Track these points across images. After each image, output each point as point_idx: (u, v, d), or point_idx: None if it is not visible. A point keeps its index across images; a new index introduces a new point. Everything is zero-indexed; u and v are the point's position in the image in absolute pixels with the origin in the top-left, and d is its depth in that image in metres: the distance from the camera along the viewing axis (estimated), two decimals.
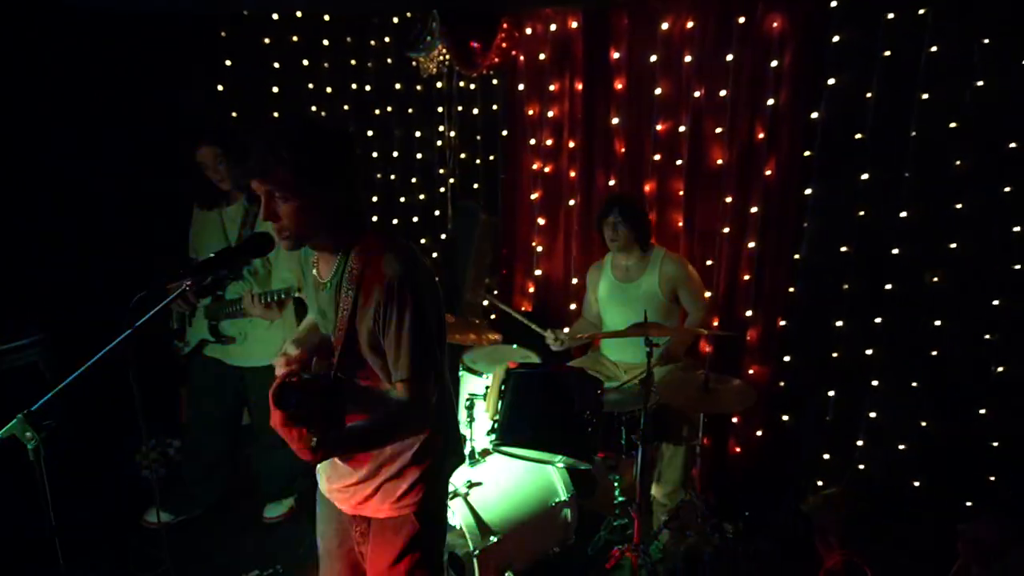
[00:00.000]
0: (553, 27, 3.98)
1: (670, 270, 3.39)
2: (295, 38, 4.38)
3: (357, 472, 1.78)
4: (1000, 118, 2.90)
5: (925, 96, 3.04)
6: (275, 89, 4.41)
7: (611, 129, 3.91)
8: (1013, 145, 2.88)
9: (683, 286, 3.40)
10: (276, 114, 4.43)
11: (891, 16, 3.04)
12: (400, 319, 1.59)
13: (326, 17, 4.40)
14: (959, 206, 3.06)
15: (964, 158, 3.00)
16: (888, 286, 3.29)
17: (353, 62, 4.59)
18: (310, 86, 4.55)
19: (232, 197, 3.15)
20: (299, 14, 4.32)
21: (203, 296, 3.14)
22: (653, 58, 3.66)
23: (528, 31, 4.09)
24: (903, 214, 3.18)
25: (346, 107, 4.67)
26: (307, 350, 1.73)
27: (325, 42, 4.49)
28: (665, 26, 3.60)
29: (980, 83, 2.89)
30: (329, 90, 4.61)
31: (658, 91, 3.68)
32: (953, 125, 3.00)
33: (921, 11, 2.97)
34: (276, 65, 4.39)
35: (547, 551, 3.03)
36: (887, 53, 3.08)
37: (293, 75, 4.45)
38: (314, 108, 4.60)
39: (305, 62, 4.48)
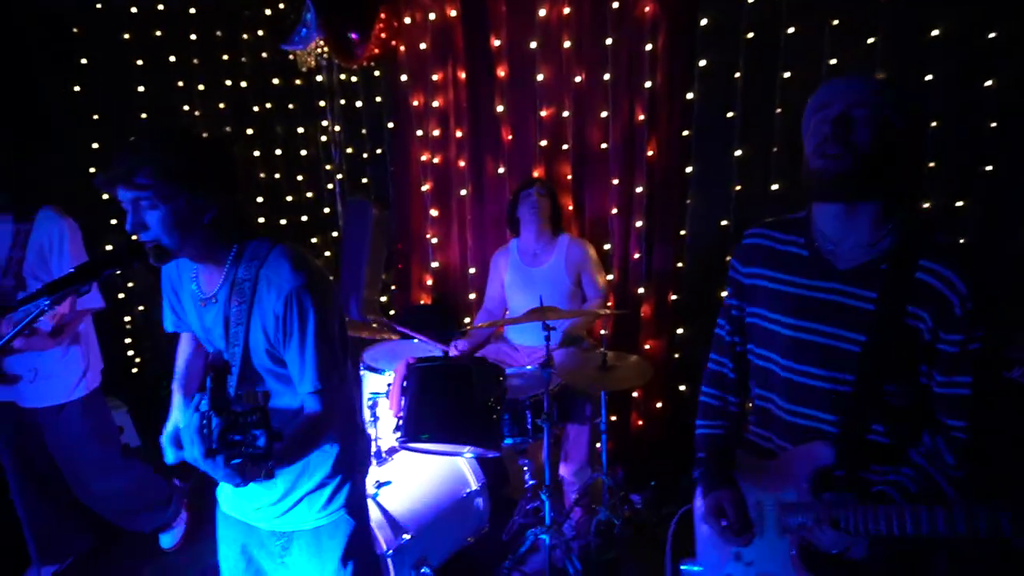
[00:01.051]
0: (432, 16, 3.93)
1: (575, 254, 3.45)
2: (158, 33, 4.12)
3: (272, 490, 1.72)
4: None
5: (787, 75, 3.22)
6: (140, 88, 4.14)
7: (497, 117, 3.92)
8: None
9: (586, 270, 3.47)
10: (144, 115, 4.16)
11: (751, 0, 3.20)
12: (302, 329, 1.54)
13: (192, 10, 4.16)
14: None
15: None
16: None
17: (226, 57, 4.38)
18: (180, 84, 4.30)
19: None
20: (161, 7, 4.07)
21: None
22: (533, 44, 3.70)
23: (407, 20, 4.03)
24: (774, 187, 3.37)
25: (222, 105, 4.46)
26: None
27: (193, 37, 4.25)
28: (543, 12, 3.64)
29: (833, 61, 3.09)
30: (202, 88, 4.38)
31: (540, 77, 3.72)
32: None
33: None
34: (139, 63, 4.12)
35: (462, 542, 3.03)
36: (750, 35, 3.24)
37: (159, 73, 4.20)
38: (186, 108, 4.36)
39: (172, 58, 4.24)
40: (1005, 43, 2.78)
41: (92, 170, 3.86)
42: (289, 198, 4.62)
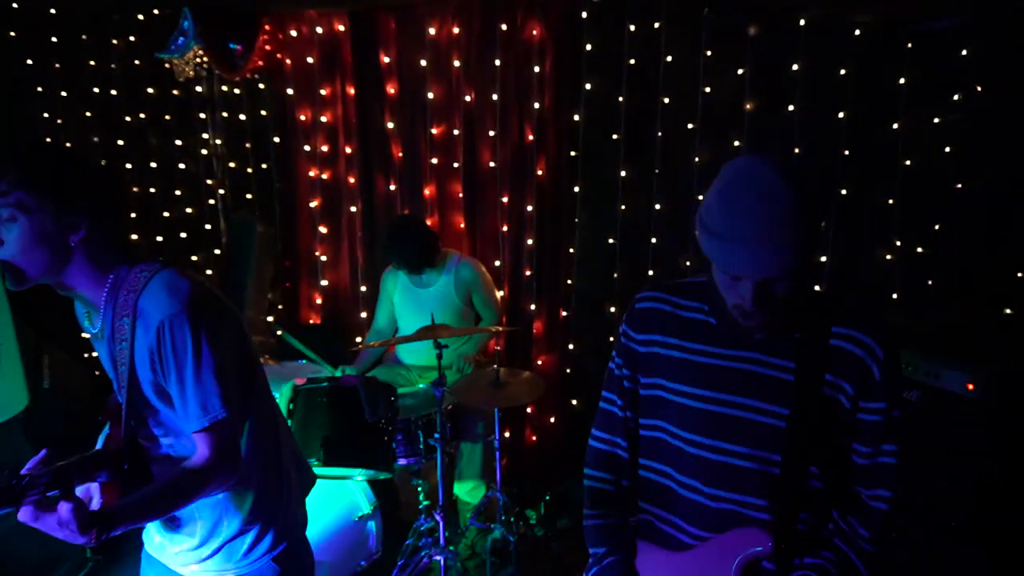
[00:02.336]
0: (319, 29, 3.86)
1: (465, 274, 3.45)
2: (12, 33, 3.80)
3: (190, 537, 1.58)
4: (724, 119, 3.33)
5: (666, 100, 3.40)
6: None
7: (387, 133, 3.89)
8: (737, 143, 3.32)
9: (476, 290, 3.47)
10: None
11: (633, 28, 3.36)
12: (178, 363, 1.39)
13: (52, 10, 3.87)
14: (701, 197, 3.47)
15: (701, 155, 3.40)
16: (650, 272, 3.63)
17: (93, 63, 4.10)
18: (38, 89, 3.99)
19: None
20: (15, 4, 3.76)
21: None
22: (423, 62, 3.70)
23: (293, 33, 3.93)
24: (657, 206, 3.53)
25: (88, 114, 4.16)
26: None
27: (54, 39, 3.96)
28: (432, 31, 3.65)
29: (707, 89, 3.29)
30: (65, 94, 4.08)
31: (430, 95, 3.73)
32: (691, 126, 3.39)
33: (656, 24, 3.32)
34: None
35: (354, 568, 2.94)
36: (632, 61, 3.40)
37: (15, 76, 3.87)
38: (46, 115, 4.05)
39: (30, 61, 3.92)
40: (852, 80, 3.07)
41: None
42: (166, 214, 4.36)
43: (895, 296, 3.16)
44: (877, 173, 3.15)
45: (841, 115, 3.11)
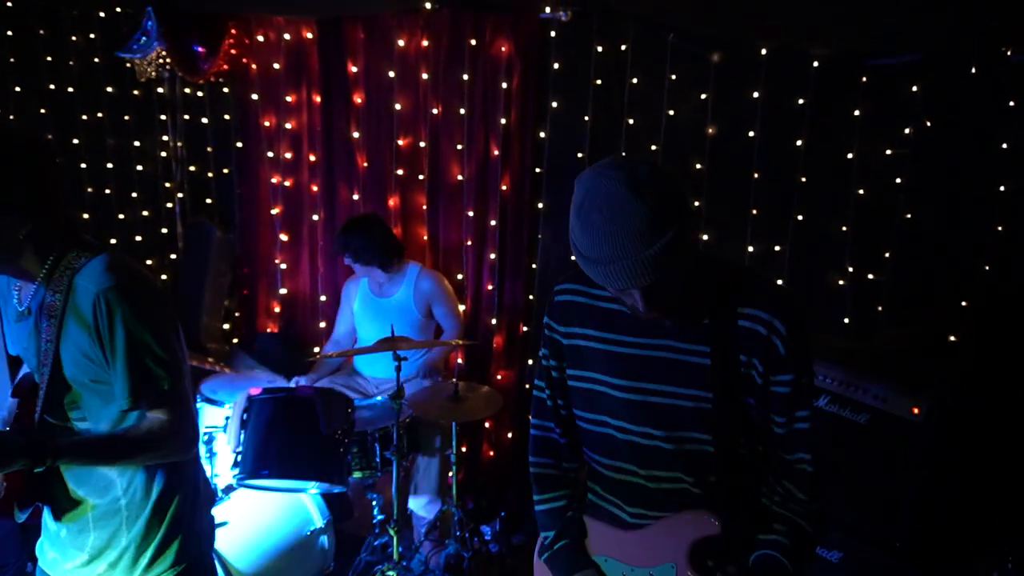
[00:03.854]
0: (287, 36, 3.83)
1: (425, 286, 3.43)
2: None
3: (83, 549, 1.53)
4: (687, 141, 3.39)
5: (631, 121, 3.45)
6: None
7: (352, 143, 3.87)
8: (699, 166, 3.39)
9: (437, 302, 3.46)
10: None
11: (600, 49, 3.41)
12: (111, 337, 1.39)
13: (8, 3, 3.77)
14: None
15: None
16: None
17: (49, 58, 4.00)
18: None
19: None
20: None
21: None
22: (391, 74, 3.70)
23: (260, 38, 3.89)
24: None
25: (43, 110, 4.06)
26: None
27: (9, 32, 3.85)
28: (401, 43, 3.65)
29: (671, 112, 3.36)
30: (18, 89, 3.97)
31: (397, 106, 3.72)
32: (654, 148, 3.45)
33: (623, 47, 3.38)
34: None
35: None
36: (598, 81, 3.45)
37: None
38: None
39: None
40: (809, 110, 3.16)
41: None
42: (121, 216, 4.26)
43: (846, 320, 3.24)
44: (831, 201, 3.24)
45: (799, 143, 3.20)
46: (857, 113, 3.10)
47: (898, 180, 3.09)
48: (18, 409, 1.50)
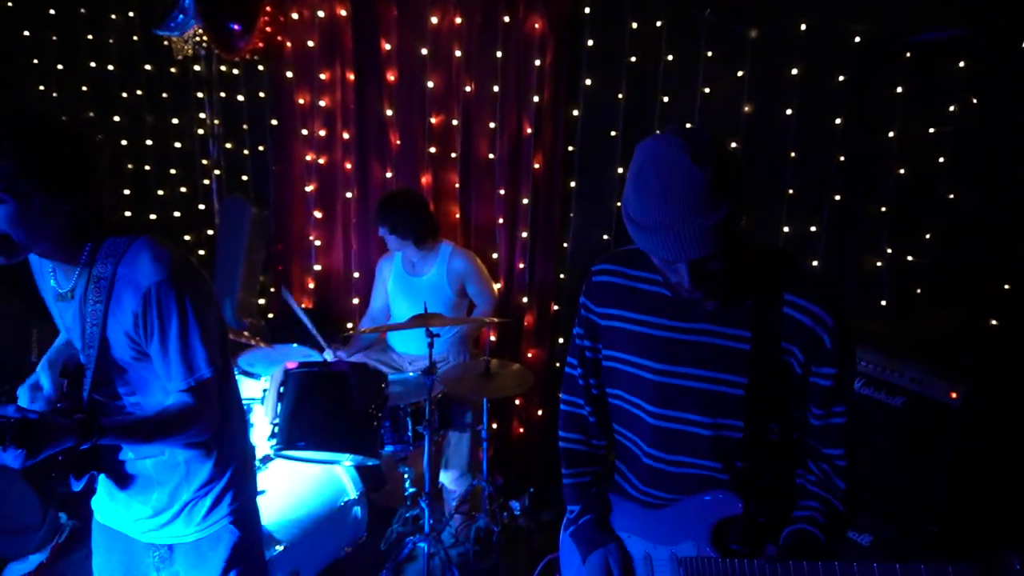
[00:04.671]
0: (321, 13, 3.84)
1: (458, 265, 3.44)
2: (9, 3, 3.76)
3: (147, 503, 1.63)
4: (722, 120, 3.34)
5: (665, 99, 3.41)
6: None
7: (385, 120, 3.88)
8: (734, 145, 3.34)
9: (470, 280, 3.47)
10: None
11: (635, 26, 3.37)
12: (163, 327, 1.46)
13: None
14: None
15: None
16: None
17: (90, 37, 4.07)
18: (34, 61, 3.95)
19: None
20: None
21: None
22: (424, 51, 3.70)
23: (295, 16, 3.91)
24: None
25: (84, 88, 4.13)
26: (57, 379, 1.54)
27: (52, 11, 3.92)
28: (434, 20, 3.64)
29: (707, 90, 3.31)
30: (61, 67, 4.05)
31: (430, 84, 3.72)
32: (688, 126, 3.39)
33: (659, 23, 3.33)
34: None
35: (339, 552, 2.96)
36: (633, 59, 3.41)
37: (9, 47, 3.83)
38: (42, 88, 4.02)
39: (26, 33, 3.88)
40: (849, 87, 3.09)
41: None
42: (160, 192, 4.34)
43: (883, 303, 3.19)
44: (870, 181, 3.18)
45: (838, 121, 3.14)
46: (899, 90, 3.03)
47: (941, 160, 3.02)
48: (67, 389, 1.56)
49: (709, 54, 3.26)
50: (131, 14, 4.06)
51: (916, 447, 2.42)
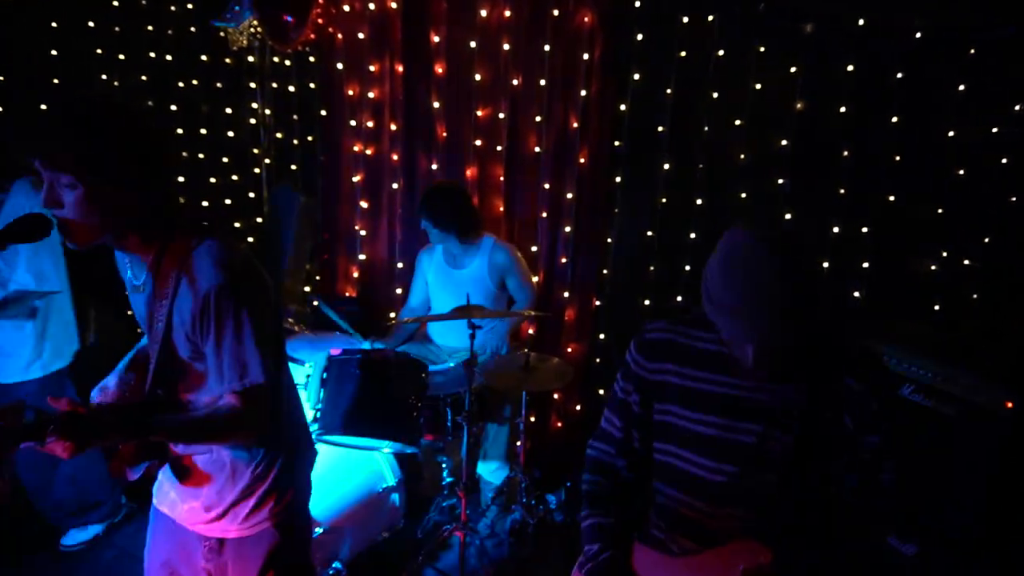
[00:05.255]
0: (372, 6, 3.89)
1: (499, 258, 3.44)
2: None
3: (198, 498, 1.67)
4: (772, 117, 3.28)
5: (715, 95, 3.36)
6: (53, 52, 3.90)
7: (433, 113, 3.91)
8: (784, 142, 3.27)
9: (511, 274, 3.46)
10: (56, 81, 3.93)
11: (686, 20, 3.32)
12: (219, 329, 1.47)
13: None
14: (743, 195, 3.43)
15: (746, 152, 3.36)
16: (687, 267, 3.61)
17: (150, 28, 4.18)
18: (98, 51, 4.08)
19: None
20: None
21: None
22: (472, 44, 3.71)
23: (346, 8, 3.96)
24: (698, 201, 3.50)
25: (144, 78, 4.25)
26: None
27: (115, 3, 4.05)
28: (483, 13, 3.65)
29: (758, 86, 3.25)
30: (122, 57, 4.18)
31: (477, 77, 3.74)
32: (738, 122, 3.35)
33: (710, 17, 3.28)
34: (53, 24, 3.89)
35: (376, 537, 3.01)
36: (683, 53, 3.36)
37: (76, 37, 3.97)
38: (104, 77, 4.15)
39: (91, 24, 4.02)
40: (908, 84, 3.00)
41: None
42: (213, 180, 4.45)
43: (936, 307, 3.10)
44: (926, 181, 3.08)
45: (894, 119, 3.05)
46: (961, 88, 2.93)
47: (1004, 161, 2.91)
48: (134, 382, 1.60)
49: (761, 49, 3.20)
50: (189, 6, 4.16)
51: (965, 456, 2.35)
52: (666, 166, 3.52)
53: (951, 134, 2.99)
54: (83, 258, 1.70)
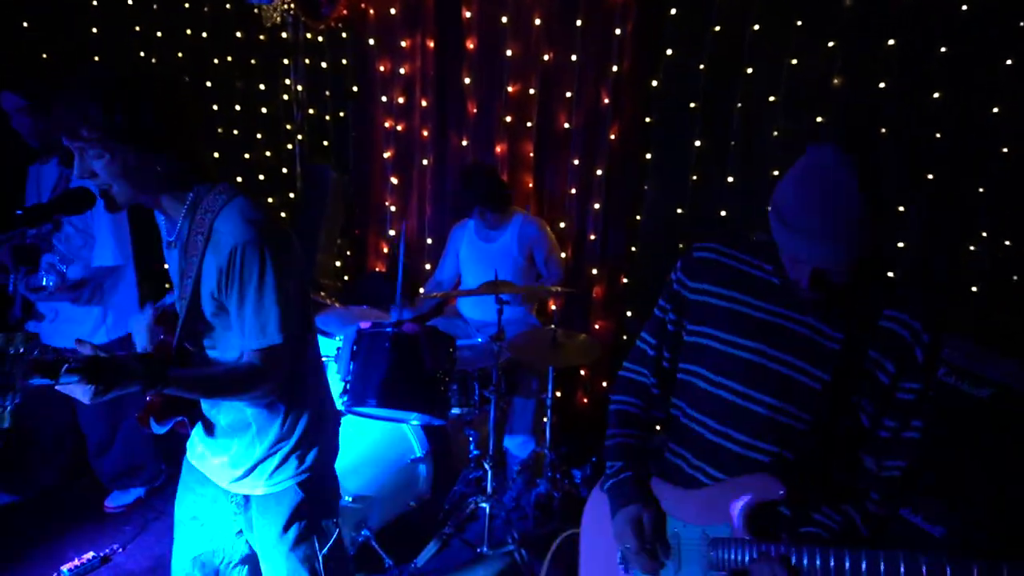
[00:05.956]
0: None
1: (529, 232, 3.47)
2: None
3: (227, 453, 1.72)
4: (809, 93, 3.21)
5: (749, 70, 3.30)
6: (94, 30, 3.98)
7: (463, 89, 3.91)
8: (820, 119, 3.20)
9: (539, 247, 3.49)
10: (96, 58, 4.02)
11: None
12: (243, 286, 1.50)
13: None
14: (776, 172, 3.38)
15: (780, 129, 3.30)
16: None
17: (187, 5, 4.24)
18: (136, 28, 4.16)
19: (46, 155, 2.84)
20: None
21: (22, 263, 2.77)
22: (504, 19, 3.68)
23: None
24: (730, 179, 3.46)
25: (180, 55, 4.32)
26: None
27: None
28: None
29: (794, 61, 3.18)
30: (160, 35, 4.24)
31: (509, 52, 3.72)
32: (772, 99, 3.29)
33: None
34: (94, 3, 3.96)
35: (404, 507, 3.08)
36: (717, 28, 3.30)
37: (116, 15, 4.04)
38: (142, 54, 4.22)
39: (130, 1, 4.08)
40: (952, 60, 2.91)
41: None
42: (247, 156, 4.52)
43: (974, 289, 3.03)
44: (970, 159, 2.99)
45: (935, 95, 2.96)
46: (1009, 62, 2.82)
47: None
48: (161, 336, 1.65)
49: (799, 24, 3.13)
50: None
51: (997, 441, 2.31)
52: (698, 143, 3.47)
53: (995, 110, 2.90)
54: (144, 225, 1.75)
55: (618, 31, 3.47)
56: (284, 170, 4.58)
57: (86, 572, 2.81)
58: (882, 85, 3.04)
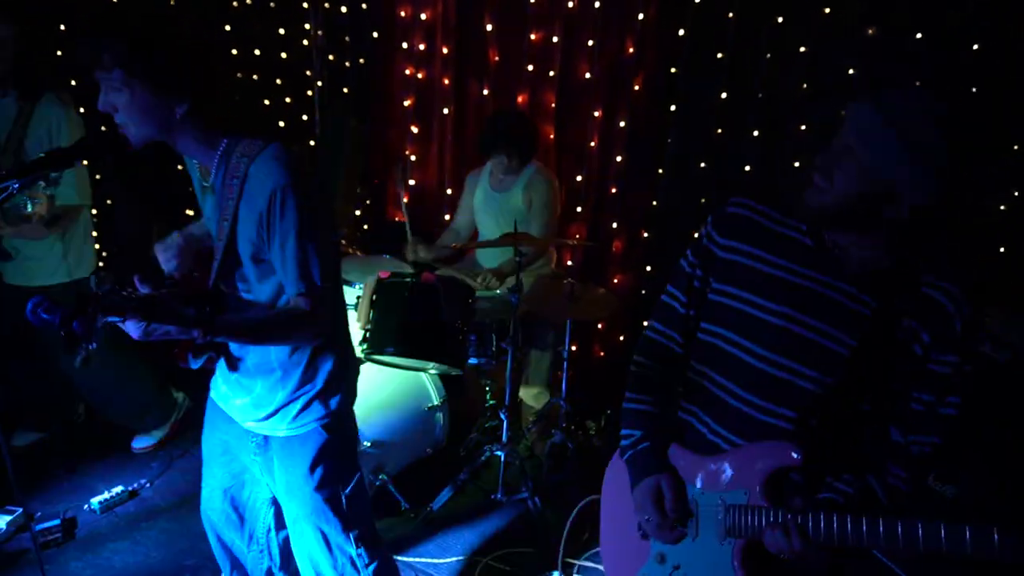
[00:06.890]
0: None
1: (534, 184, 3.40)
2: None
3: (249, 394, 1.76)
4: (840, 42, 3.10)
5: (780, 19, 3.19)
6: None
7: (485, 36, 3.82)
8: (852, 72, 3.11)
9: (536, 196, 3.38)
10: (116, 1, 3.97)
11: None
12: (284, 229, 1.52)
13: None
14: (803, 127, 3.30)
15: (809, 82, 3.21)
16: None
17: None
18: None
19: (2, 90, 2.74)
20: None
21: None
22: None
23: None
24: (755, 133, 3.38)
25: None
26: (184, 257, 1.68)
27: None
28: None
29: (827, 9, 3.07)
30: None
31: None
32: (803, 49, 3.19)
33: None
34: None
35: (420, 453, 3.15)
36: None
37: None
38: None
39: None
40: (990, 4, 2.79)
41: (58, 53, 3.71)
42: (267, 102, 4.49)
43: (1002, 249, 2.97)
44: (1005, 114, 2.90)
45: (975, 47, 2.85)
46: None
47: None
48: (196, 276, 1.68)
49: None
50: None
51: (1012, 405, 2.30)
52: (724, 95, 3.39)
53: None
54: (143, 179, 1.76)
55: None
56: (304, 117, 4.54)
57: (114, 505, 2.93)
58: (918, 35, 2.94)
